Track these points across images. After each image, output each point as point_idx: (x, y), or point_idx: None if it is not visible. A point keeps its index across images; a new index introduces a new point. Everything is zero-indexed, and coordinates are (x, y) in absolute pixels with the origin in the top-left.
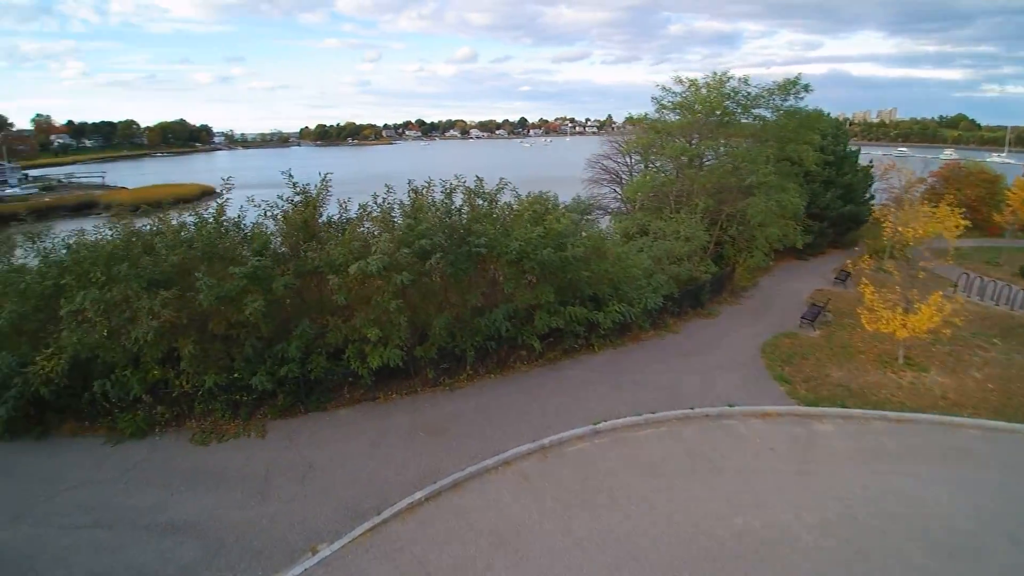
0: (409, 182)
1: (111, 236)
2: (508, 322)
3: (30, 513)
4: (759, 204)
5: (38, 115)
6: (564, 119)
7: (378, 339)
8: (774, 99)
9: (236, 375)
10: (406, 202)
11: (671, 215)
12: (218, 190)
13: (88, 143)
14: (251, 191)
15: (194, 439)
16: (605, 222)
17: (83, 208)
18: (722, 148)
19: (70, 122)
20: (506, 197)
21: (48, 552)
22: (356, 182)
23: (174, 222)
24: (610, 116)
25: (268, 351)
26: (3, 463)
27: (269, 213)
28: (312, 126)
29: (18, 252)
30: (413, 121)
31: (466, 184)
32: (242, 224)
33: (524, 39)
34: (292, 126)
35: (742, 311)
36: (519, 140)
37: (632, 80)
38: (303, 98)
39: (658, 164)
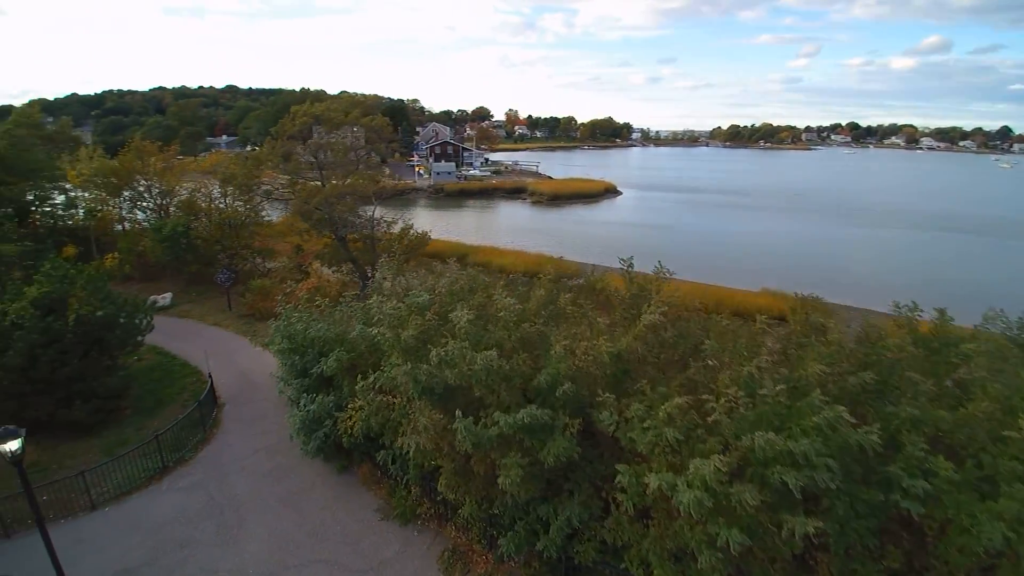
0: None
1: (420, 310)
2: None
3: None
4: None
5: (510, 109)
6: None
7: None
8: None
9: (495, 512)
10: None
11: None
12: (619, 189)
13: (538, 134)
14: (647, 192)
15: (442, 559)
16: None
17: (515, 192)
18: None
19: (529, 116)
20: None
21: None
22: (754, 194)
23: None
24: None
25: (531, 505)
26: (306, 488)
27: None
28: (725, 125)
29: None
30: (843, 124)
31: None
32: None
33: None
34: (705, 125)
35: None
36: (993, 156)
37: None
38: (722, 97)
39: None
